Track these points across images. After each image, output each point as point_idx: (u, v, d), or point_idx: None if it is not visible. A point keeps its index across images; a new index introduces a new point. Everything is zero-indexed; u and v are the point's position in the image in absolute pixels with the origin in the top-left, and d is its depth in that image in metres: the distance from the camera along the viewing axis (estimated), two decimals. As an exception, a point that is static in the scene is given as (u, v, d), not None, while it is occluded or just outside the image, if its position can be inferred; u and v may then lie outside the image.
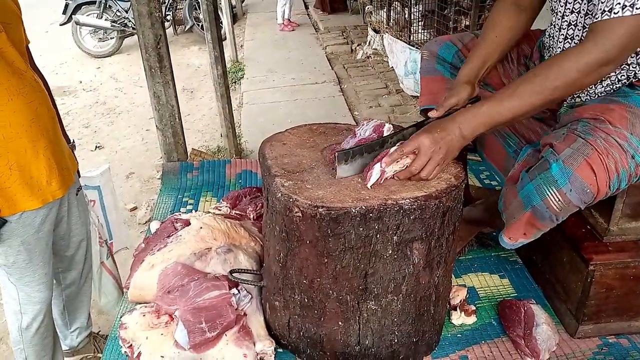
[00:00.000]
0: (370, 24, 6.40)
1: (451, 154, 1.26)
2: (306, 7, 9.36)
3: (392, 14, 5.55)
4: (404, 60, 5.00)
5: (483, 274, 1.76)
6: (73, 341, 2.12)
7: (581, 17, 1.32)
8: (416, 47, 4.85)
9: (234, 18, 7.48)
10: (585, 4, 1.30)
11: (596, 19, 1.17)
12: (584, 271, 1.45)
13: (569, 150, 1.22)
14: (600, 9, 1.15)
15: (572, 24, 1.35)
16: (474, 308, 1.59)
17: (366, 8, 6.68)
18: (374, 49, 6.22)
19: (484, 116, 1.25)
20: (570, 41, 1.37)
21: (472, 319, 1.56)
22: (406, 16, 5.18)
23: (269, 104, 5.08)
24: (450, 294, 1.57)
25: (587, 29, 1.27)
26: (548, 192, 1.24)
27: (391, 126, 1.35)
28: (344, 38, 7.19)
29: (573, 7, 1.33)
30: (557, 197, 1.23)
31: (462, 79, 1.49)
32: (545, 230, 1.36)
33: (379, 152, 1.29)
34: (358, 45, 6.59)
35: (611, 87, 1.34)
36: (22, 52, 1.57)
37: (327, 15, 8.28)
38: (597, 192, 1.22)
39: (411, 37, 5.07)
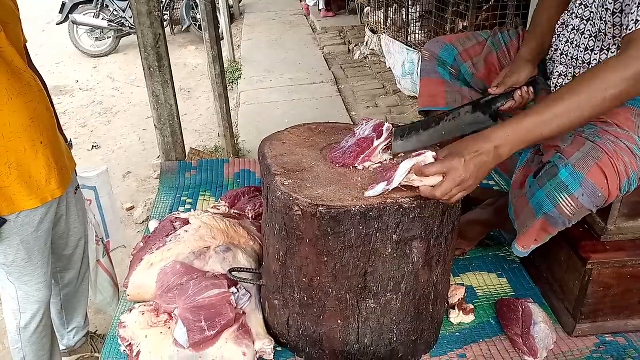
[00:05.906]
0: (368, 25, 6.39)
1: (481, 179, 1.15)
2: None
3: (389, 15, 5.55)
4: (402, 60, 5.01)
5: (481, 273, 1.77)
6: (70, 341, 2.12)
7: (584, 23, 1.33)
8: (414, 48, 4.86)
9: (232, 18, 7.48)
10: (588, 11, 1.31)
11: (630, 30, 1.13)
12: (581, 270, 1.46)
13: (578, 154, 1.21)
14: (633, 20, 1.13)
15: (576, 28, 1.37)
16: (473, 307, 1.59)
17: (365, 9, 6.68)
18: (371, 49, 6.21)
19: (526, 133, 1.12)
20: (575, 47, 1.38)
21: (470, 318, 1.57)
22: (404, 17, 5.19)
23: (267, 104, 5.08)
24: (449, 293, 1.58)
25: (592, 37, 1.28)
26: (560, 199, 1.23)
27: (390, 125, 1.35)
28: (342, 38, 7.18)
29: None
30: (570, 203, 1.23)
31: (523, 57, 1.46)
32: (555, 234, 1.35)
33: (434, 130, 1.29)
34: (355, 46, 6.59)
35: None
36: (20, 52, 1.56)
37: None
38: (609, 196, 1.22)
39: (409, 38, 5.07)
